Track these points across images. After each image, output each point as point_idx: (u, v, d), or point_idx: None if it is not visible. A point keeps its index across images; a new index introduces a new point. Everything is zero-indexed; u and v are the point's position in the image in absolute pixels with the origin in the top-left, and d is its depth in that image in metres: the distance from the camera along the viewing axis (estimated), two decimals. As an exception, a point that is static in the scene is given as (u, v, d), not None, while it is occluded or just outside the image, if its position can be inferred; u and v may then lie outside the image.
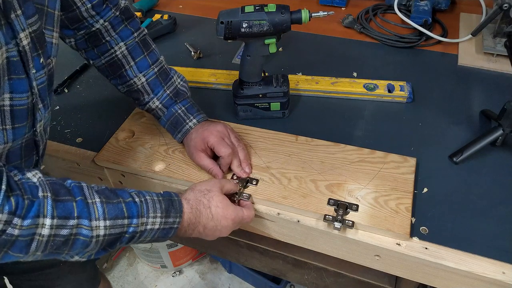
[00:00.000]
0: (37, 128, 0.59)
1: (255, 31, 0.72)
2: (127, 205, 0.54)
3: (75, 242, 0.50)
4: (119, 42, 0.75)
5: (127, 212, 0.54)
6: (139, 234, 0.55)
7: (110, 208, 0.52)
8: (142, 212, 0.55)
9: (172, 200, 0.59)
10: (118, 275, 1.72)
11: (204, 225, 0.62)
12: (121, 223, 0.53)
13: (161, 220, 0.57)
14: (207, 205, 0.62)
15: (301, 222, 0.68)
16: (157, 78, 0.77)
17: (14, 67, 0.51)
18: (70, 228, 0.49)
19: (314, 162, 0.75)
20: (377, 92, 0.89)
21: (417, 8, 1.10)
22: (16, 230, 0.45)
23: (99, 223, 0.51)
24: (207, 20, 1.22)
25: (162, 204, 0.57)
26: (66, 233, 0.49)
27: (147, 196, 0.57)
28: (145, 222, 0.55)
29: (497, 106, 0.76)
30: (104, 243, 0.53)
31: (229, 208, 0.64)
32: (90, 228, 0.50)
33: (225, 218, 0.63)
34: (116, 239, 0.54)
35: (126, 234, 0.54)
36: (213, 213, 0.62)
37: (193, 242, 1.02)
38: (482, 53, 1.00)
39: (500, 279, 0.59)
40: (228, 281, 1.65)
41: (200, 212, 0.61)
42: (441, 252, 0.62)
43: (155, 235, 0.57)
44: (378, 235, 0.65)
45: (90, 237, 0.51)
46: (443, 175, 0.73)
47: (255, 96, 0.82)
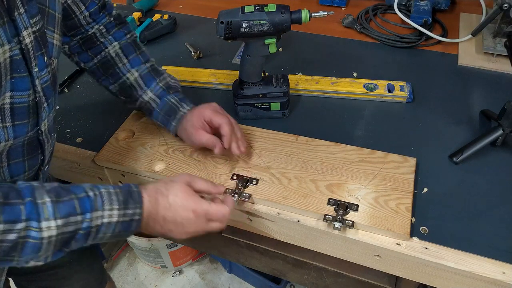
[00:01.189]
0: (41, 127, 0.59)
1: (255, 31, 0.72)
2: (80, 201, 0.52)
3: (24, 246, 0.48)
4: (113, 42, 0.78)
5: (80, 208, 0.51)
6: (96, 230, 0.53)
7: (61, 206, 0.50)
8: (96, 206, 0.52)
9: (131, 191, 0.56)
10: (118, 275, 1.72)
11: (163, 217, 0.58)
12: (74, 220, 0.51)
13: (119, 212, 0.54)
14: (165, 193, 0.58)
15: (301, 222, 0.68)
16: (149, 73, 0.79)
17: (16, 65, 0.52)
18: (18, 232, 0.47)
19: (314, 162, 0.75)
20: (377, 92, 0.89)
21: (417, 8, 1.10)
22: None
23: (50, 223, 0.49)
24: (207, 20, 1.22)
25: (119, 196, 0.55)
26: (13, 237, 0.47)
27: (102, 189, 0.54)
28: (100, 215, 0.52)
29: (497, 106, 0.76)
30: (58, 243, 0.51)
31: (189, 198, 0.59)
32: (39, 229, 0.48)
33: (184, 209, 0.58)
34: (71, 237, 0.51)
35: (81, 231, 0.51)
36: (171, 202, 0.58)
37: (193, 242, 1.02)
38: (482, 53, 1.00)
39: (500, 279, 0.59)
40: (228, 281, 1.65)
41: (157, 201, 0.58)
42: (441, 252, 0.62)
43: (115, 230, 0.54)
44: (378, 235, 0.65)
45: (40, 238, 0.48)
46: (443, 175, 0.73)
47: (255, 96, 0.82)
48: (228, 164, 0.75)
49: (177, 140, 0.80)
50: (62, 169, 0.87)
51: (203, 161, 0.76)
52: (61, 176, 0.90)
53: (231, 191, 0.70)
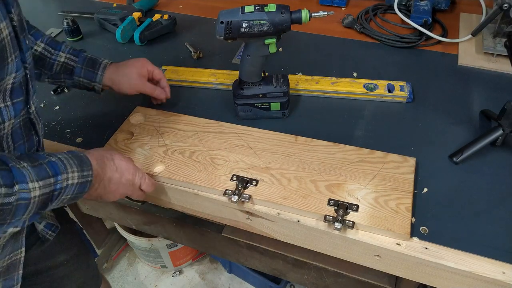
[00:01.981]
0: (31, 105, 0.63)
1: (255, 31, 0.72)
2: (49, 165, 0.55)
3: (17, 208, 0.51)
4: None
5: (51, 171, 0.55)
6: (63, 191, 0.57)
7: (38, 170, 0.54)
8: (62, 169, 0.56)
9: (80, 156, 0.61)
10: (118, 275, 1.72)
11: (109, 178, 0.65)
12: (49, 182, 0.54)
13: (78, 174, 0.58)
14: (110, 158, 0.66)
15: (301, 222, 0.68)
16: (53, 40, 0.83)
17: (13, 43, 0.55)
18: (15, 194, 0.50)
19: (314, 163, 0.75)
20: (377, 92, 0.89)
21: (417, 8, 1.10)
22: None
23: (35, 185, 0.52)
24: (207, 20, 1.22)
25: (74, 160, 0.59)
26: (13, 199, 0.50)
27: (59, 155, 0.58)
28: (66, 177, 0.57)
29: (497, 106, 0.76)
30: (39, 205, 0.54)
31: (130, 163, 0.69)
32: (29, 190, 0.51)
33: (128, 171, 0.67)
34: (47, 198, 0.55)
35: (55, 192, 0.55)
36: (117, 165, 0.66)
37: (193, 242, 1.02)
38: (482, 53, 1.00)
39: (500, 279, 0.59)
40: (228, 281, 1.66)
41: (104, 164, 0.64)
42: (441, 252, 0.62)
43: (74, 191, 0.59)
44: (378, 235, 0.65)
45: (29, 199, 0.52)
46: (443, 175, 0.73)
47: (255, 96, 0.82)
48: (227, 165, 0.75)
49: (176, 141, 0.80)
50: (62, 169, 0.87)
51: (203, 162, 0.76)
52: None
53: (231, 192, 0.70)
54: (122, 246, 1.76)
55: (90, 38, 1.17)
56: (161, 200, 0.81)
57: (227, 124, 0.84)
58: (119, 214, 1.06)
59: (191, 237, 0.99)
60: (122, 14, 1.17)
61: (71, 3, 1.35)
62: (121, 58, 0.88)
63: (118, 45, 1.13)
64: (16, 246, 0.69)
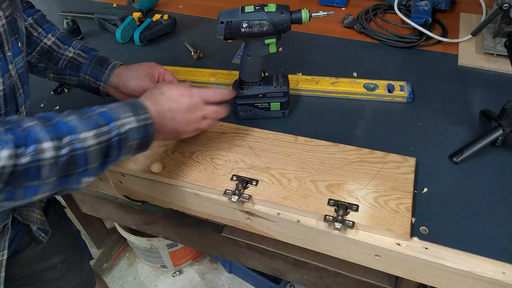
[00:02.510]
0: (20, 114, 0.61)
1: (255, 31, 0.72)
2: (100, 115, 0.55)
3: (75, 158, 0.52)
4: (26, 18, 0.80)
5: (103, 120, 0.55)
6: (125, 136, 0.56)
7: (86, 121, 0.53)
8: (114, 116, 0.56)
9: (132, 102, 0.60)
10: (118, 275, 1.72)
11: (170, 108, 0.64)
12: (103, 130, 0.54)
13: (134, 118, 0.58)
14: (160, 92, 0.65)
15: (301, 222, 0.68)
16: (65, 36, 0.82)
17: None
18: (67, 146, 0.50)
19: (313, 163, 0.75)
20: (377, 92, 0.89)
21: (417, 8, 1.10)
22: (24, 159, 0.47)
23: (85, 134, 0.52)
24: (207, 20, 1.22)
25: (126, 107, 0.58)
26: (66, 151, 0.50)
27: (110, 105, 0.58)
28: (121, 123, 0.56)
29: (497, 106, 0.76)
30: (100, 153, 0.54)
31: (179, 86, 0.67)
32: (80, 140, 0.52)
33: (182, 95, 0.65)
34: (108, 146, 0.55)
35: (114, 138, 0.55)
36: (168, 95, 0.64)
37: (193, 242, 1.02)
38: (482, 53, 1.00)
39: (500, 279, 0.59)
40: (228, 281, 1.66)
41: (158, 100, 0.63)
42: (441, 252, 0.62)
43: (138, 136, 0.58)
44: (378, 235, 0.65)
45: (84, 148, 0.52)
46: (443, 175, 0.73)
47: (255, 96, 0.82)
48: (227, 165, 0.75)
49: (176, 141, 0.80)
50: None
51: (203, 162, 0.76)
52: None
53: (231, 192, 0.70)
54: (122, 246, 1.76)
55: (90, 38, 1.17)
56: (161, 200, 0.81)
57: (227, 124, 0.84)
58: (119, 214, 1.06)
59: (191, 237, 0.99)
60: (122, 14, 1.17)
61: (71, 3, 1.35)
62: (121, 58, 0.88)
63: (118, 45, 1.13)
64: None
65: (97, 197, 1.03)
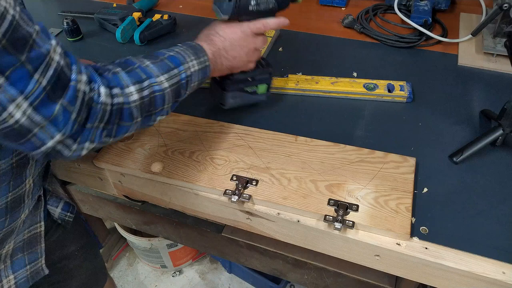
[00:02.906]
0: None
1: (261, 9, 0.73)
2: (169, 59, 0.62)
3: (155, 99, 0.59)
4: None
5: (173, 64, 0.61)
6: (190, 78, 0.64)
7: (160, 65, 0.60)
8: (182, 60, 0.63)
9: (192, 45, 0.67)
10: (118, 275, 1.72)
11: (224, 48, 0.71)
12: (174, 73, 0.61)
13: (197, 61, 0.65)
14: (214, 32, 0.71)
15: (301, 222, 0.68)
16: None
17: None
18: (148, 88, 0.57)
19: (313, 163, 0.75)
20: (377, 92, 0.89)
21: (417, 8, 1.10)
22: (117, 99, 0.53)
23: (161, 78, 0.59)
24: (207, 20, 1.22)
25: (189, 51, 0.65)
26: (147, 93, 0.57)
27: (176, 49, 0.65)
28: (188, 67, 0.63)
29: (497, 106, 0.76)
30: (172, 94, 0.61)
31: (232, 24, 0.72)
32: (157, 83, 0.58)
33: (234, 33, 0.71)
34: (178, 87, 0.62)
35: (182, 81, 0.62)
36: (222, 35, 0.71)
37: (193, 242, 1.02)
38: (482, 53, 1.00)
39: (500, 279, 0.59)
40: (228, 281, 1.66)
41: (212, 40, 0.70)
42: (441, 252, 0.62)
43: (199, 77, 0.66)
44: (378, 235, 0.65)
45: (162, 90, 0.59)
46: (443, 175, 0.73)
47: (245, 80, 0.82)
48: (227, 165, 0.75)
49: (176, 141, 0.80)
50: (62, 169, 0.87)
51: (203, 162, 0.76)
52: (61, 176, 0.90)
53: (231, 192, 0.70)
54: (122, 246, 1.76)
55: (90, 38, 1.17)
56: (161, 200, 0.81)
57: (227, 124, 0.84)
58: (119, 214, 1.05)
59: (191, 237, 0.99)
60: (122, 14, 1.17)
61: (71, 3, 1.35)
62: (121, 58, 0.88)
63: (118, 45, 1.13)
64: (34, 220, 0.72)
65: (97, 197, 1.03)
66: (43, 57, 0.45)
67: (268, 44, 1.06)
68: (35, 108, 0.45)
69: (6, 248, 0.68)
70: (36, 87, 0.44)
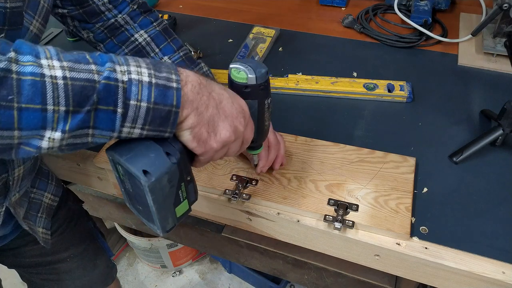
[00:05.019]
0: None
1: None
2: (93, 55, 0.41)
3: (21, 83, 0.36)
4: (139, 30, 0.76)
5: (92, 59, 0.40)
6: (124, 88, 0.40)
7: (67, 55, 0.39)
8: (117, 61, 0.41)
9: (161, 62, 0.45)
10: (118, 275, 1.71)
11: (217, 92, 0.48)
12: (86, 67, 0.39)
13: (149, 71, 0.42)
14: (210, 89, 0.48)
15: (301, 222, 0.68)
16: (183, 61, 0.76)
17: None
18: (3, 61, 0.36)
19: (313, 162, 0.75)
20: (377, 91, 0.89)
21: (417, 8, 1.10)
22: None
23: (53, 63, 0.38)
24: (207, 20, 1.22)
25: (146, 60, 0.44)
26: (11, 75, 0.36)
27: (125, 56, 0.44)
28: (126, 70, 0.41)
29: (497, 106, 0.76)
30: (70, 93, 0.38)
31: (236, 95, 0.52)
32: (38, 65, 0.37)
33: (233, 100, 0.50)
34: (86, 88, 0.38)
35: (101, 81, 0.39)
36: (217, 91, 0.49)
37: (193, 242, 1.02)
38: (482, 53, 1.00)
39: (500, 279, 0.59)
40: (228, 281, 1.66)
41: (201, 78, 0.47)
42: (441, 252, 0.62)
43: (150, 97, 0.41)
44: (378, 235, 0.65)
45: (41, 75, 0.36)
46: (443, 175, 0.73)
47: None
48: (227, 165, 0.75)
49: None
50: (62, 169, 0.87)
51: (203, 161, 0.76)
52: (61, 176, 0.90)
53: (230, 192, 0.70)
54: (122, 246, 1.76)
55: (90, 38, 1.17)
56: (161, 200, 0.80)
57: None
58: (119, 214, 1.05)
59: (191, 237, 0.99)
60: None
61: (71, 3, 1.35)
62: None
63: (118, 45, 1.13)
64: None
65: (97, 197, 1.03)
66: None
67: (268, 44, 1.06)
68: None
69: None
70: None
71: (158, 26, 0.78)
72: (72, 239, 0.87)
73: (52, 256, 0.85)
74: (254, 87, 0.55)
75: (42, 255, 0.83)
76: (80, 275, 0.91)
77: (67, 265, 0.88)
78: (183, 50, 0.78)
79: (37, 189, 0.77)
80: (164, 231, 0.50)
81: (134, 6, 0.76)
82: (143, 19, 0.77)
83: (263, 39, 1.08)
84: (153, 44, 0.76)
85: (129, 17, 0.75)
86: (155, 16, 0.79)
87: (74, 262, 0.88)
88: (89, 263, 0.93)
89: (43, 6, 0.58)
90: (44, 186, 0.79)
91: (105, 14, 0.74)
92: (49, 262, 0.85)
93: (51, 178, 0.81)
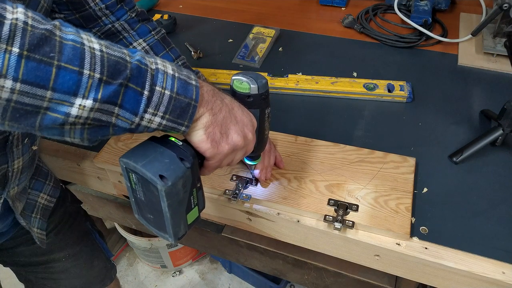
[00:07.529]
0: None
1: None
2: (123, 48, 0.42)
3: (63, 47, 0.38)
4: (138, 38, 0.76)
5: (123, 48, 0.42)
6: (151, 75, 0.42)
7: (108, 42, 0.41)
8: (145, 54, 0.44)
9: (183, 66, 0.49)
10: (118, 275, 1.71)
11: (229, 102, 0.51)
12: (119, 49, 0.41)
13: (173, 67, 0.45)
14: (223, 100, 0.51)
15: (301, 222, 0.68)
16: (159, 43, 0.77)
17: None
18: (56, 29, 0.38)
19: (313, 163, 0.75)
20: (377, 92, 0.89)
21: (417, 8, 1.10)
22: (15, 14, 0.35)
23: (94, 44, 0.39)
24: (207, 20, 1.22)
25: (169, 62, 0.47)
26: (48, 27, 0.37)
27: None
28: (153, 61, 0.44)
29: (497, 106, 0.76)
30: (106, 63, 0.39)
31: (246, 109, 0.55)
32: (81, 37, 0.39)
33: (242, 112, 0.53)
34: (118, 62, 0.40)
35: (133, 62, 0.41)
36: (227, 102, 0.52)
37: (193, 242, 1.02)
38: (482, 53, 1.00)
39: (500, 279, 0.59)
40: (228, 281, 1.66)
41: (215, 91, 0.50)
42: (441, 252, 0.62)
43: (173, 87, 0.44)
44: (378, 235, 0.65)
45: (81, 43, 0.38)
46: (443, 175, 0.73)
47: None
48: (228, 164, 0.75)
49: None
50: (62, 169, 0.87)
51: (203, 161, 0.76)
52: (61, 176, 0.90)
53: (231, 192, 0.70)
54: (122, 246, 1.76)
55: (90, 38, 1.17)
56: (161, 200, 0.80)
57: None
58: (119, 214, 1.05)
59: (191, 237, 0.99)
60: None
61: (71, 3, 1.35)
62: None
63: (118, 45, 1.13)
64: None
65: (97, 197, 1.03)
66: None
67: (268, 44, 1.06)
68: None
69: None
70: None
71: (157, 35, 0.78)
72: (68, 240, 0.87)
73: (47, 256, 0.84)
74: (256, 96, 0.57)
75: (38, 255, 0.83)
76: (76, 275, 0.91)
77: (62, 264, 0.87)
78: (181, 60, 0.79)
79: (32, 190, 0.77)
80: (176, 238, 0.50)
81: (133, 14, 0.76)
82: (141, 26, 0.77)
83: (263, 39, 1.08)
84: (151, 53, 0.76)
85: (127, 24, 0.75)
86: (153, 25, 0.79)
87: (69, 262, 0.88)
88: (86, 264, 0.93)
89: (43, 6, 0.58)
90: (40, 186, 0.79)
91: (102, 19, 0.74)
92: (44, 261, 0.85)
93: (49, 178, 0.81)
